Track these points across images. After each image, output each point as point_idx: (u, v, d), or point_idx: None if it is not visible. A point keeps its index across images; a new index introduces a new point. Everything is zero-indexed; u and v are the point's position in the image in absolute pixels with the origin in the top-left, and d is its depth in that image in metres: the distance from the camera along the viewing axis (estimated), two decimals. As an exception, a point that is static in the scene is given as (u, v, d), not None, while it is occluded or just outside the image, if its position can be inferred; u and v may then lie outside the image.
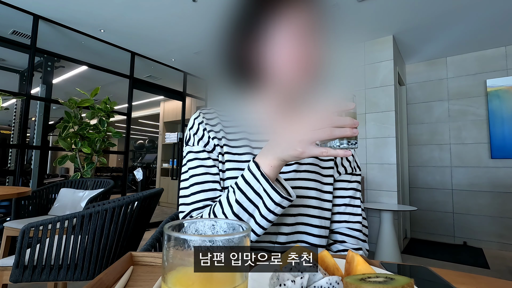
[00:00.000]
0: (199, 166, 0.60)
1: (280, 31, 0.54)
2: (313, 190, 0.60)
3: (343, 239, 0.63)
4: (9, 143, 4.72)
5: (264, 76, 0.57)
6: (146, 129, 9.91)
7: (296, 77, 0.56)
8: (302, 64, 0.56)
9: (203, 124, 0.63)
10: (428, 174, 3.80)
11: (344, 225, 0.64)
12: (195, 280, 0.23)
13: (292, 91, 0.59)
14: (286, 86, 0.57)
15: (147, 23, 3.07)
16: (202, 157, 0.60)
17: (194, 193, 0.58)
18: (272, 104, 0.63)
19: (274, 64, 0.55)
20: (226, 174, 0.59)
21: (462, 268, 2.70)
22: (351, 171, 0.66)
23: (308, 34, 0.55)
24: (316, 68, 0.57)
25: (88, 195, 2.24)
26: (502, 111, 3.37)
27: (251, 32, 0.56)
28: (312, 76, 0.58)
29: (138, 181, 5.37)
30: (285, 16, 0.54)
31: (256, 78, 0.58)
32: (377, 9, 2.70)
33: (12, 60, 4.06)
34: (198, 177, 0.59)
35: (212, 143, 0.61)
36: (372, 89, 3.26)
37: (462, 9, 2.65)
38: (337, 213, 0.64)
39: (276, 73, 0.55)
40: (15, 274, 1.13)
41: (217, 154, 0.61)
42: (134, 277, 0.39)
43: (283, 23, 0.54)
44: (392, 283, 0.25)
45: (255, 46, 0.56)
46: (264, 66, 0.56)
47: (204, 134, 0.62)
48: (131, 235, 1.36)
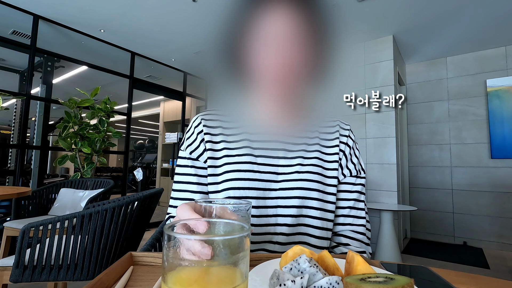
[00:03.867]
0: (183, 174, 0.63)
1: (280, 31, 0.54)
2: (315, 191, 0.59)
3: (347, 241, 0.62)
4: (9, 143, 4.72)
5: (262, 76, 0.56)
6: (146, 129, 9.91)
7: (296, 77, 0.56)
8: (302, 64, 0.55)
9: (200, 126, 0.63)
10: (428, 174, 3.80)
11: (349, 228, 0.63)
12: (195, 280, 0.23)
13: (292, 91, 0.58)
14: (286, 86, 0.57)
15: (147, 23, 3.07)
16: (186, 165, 0.63)
17: (175, 198, 0.62)
18: (272, 106, 0.63)
19: (274, 64, 0.54)
20: (223, 175, 0.59)
21: (462, 268, 2.70)
22: (356, 174, 0.65)
23: (308, 34, 0.55)
24: (316, 68, 0.57)
25: (88, 195, 2.24)
26: (502, 111, 3.37)
27: (247, 31, 0.56)
28: (313, 76, 0.58)
29: (138, 181, 5.37)
30: (285, 15, 0.53)
31: (254, 77, 0.58)
32: (377, 9, 2.70)
33: (12, 60, 4.06)
34: (180, 184, 0.62)
35: (202, 147, 0.62)
36: (372, 89, 3.26)
37: (462, 9, 2.65)
38: (341, 215, 0.64)
39: (276, 73, 0.55)
40: (15, 274, 1.13)
41: (205, 158, 0.61)
42: (134, 277, 0.39)
43: (282, 22, 0.53)
44: (392, 283, 0.25)
45: (254, 46, 0.55)
46: (260, 66, 0.55)
47: (197, 138, 0.62)
48: (131, 235, 1.36)
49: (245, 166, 0.58)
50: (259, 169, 0.59)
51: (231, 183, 0.57)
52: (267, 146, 0.62)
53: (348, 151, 0.65)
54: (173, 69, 4.43)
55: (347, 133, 0.67)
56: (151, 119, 8.22)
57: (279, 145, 0.62)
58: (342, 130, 0.67)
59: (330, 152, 0.64)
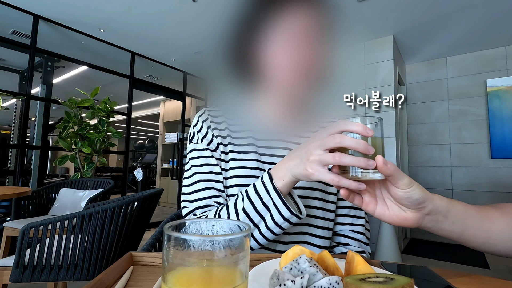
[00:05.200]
0: (203, 164, 0.59)
1: (284, 31, 0.54)
2: (318, 191, 0.60)
3: (346, 241, 0.62)
4: (9, 143, 4.72)
5: (268, 75, 0.56)
6: (146, 129, 9.91)
7: (299, 77, 0.56)
8: (305, 64, 0.55)
9: (208, 121, 0.62)
10: (428, 174, 3.80)
11: (348, 228, 0.63)
12: (195, 280, 0.23)
13: (296, 91, 0.58)
14: (290, 86, 0.56)
15: (147, 23, 3.07)
16: (206, 155, 0.60)
17: (197, 191, 0.57)
18: (277, 105, 0.63)
19: (278, 64, 0.54)
20: (230, 173, 0.59)
21: (462, 268, 2.70)
22: None
23: (311, 35, 0.55)
24: (319, 68, 0.57)
25: (88, 195, 2.24)
26: (502, 111, 3.37)
27: (255, 32, 0.56)
28: (316, 77, 0.58)
29: (138, 181, 5.37)
30: (288, 16, 0.54)
31: (260, 77, 0.58)
32: (377, 9, 2.70)
33: (12, 60, 4.05)
34: (201, 175, 0.58)
35: (215, 142, 0.60)
36: (372, 89, 3.25)
37: (462, 9, 2.65)
38: (341, 215, 0.64)
39: (279, 73, 0.55)
40: (15, 274, 1.13)
41: (220, 153, 0.60)
42: (134, 277, 0.39)
43: (286, 23, 0.54)
44: (392, 283, 0.25)
45: (259, 46, 0.56)
46: (267, 66, 0.56)
47: (208, 132, 0.61)
48: (131, 235, 1.36)
49: (251, 164, 0.58)
50: (263, 167, 0.59)
51: (238, 180, 0.57)
52: (271, 145, 0.62)
53: None
54: (173, 69, 4.43)
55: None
56: (151, 119, 8.22)
57: (282, 144, 0.62)
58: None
59: None
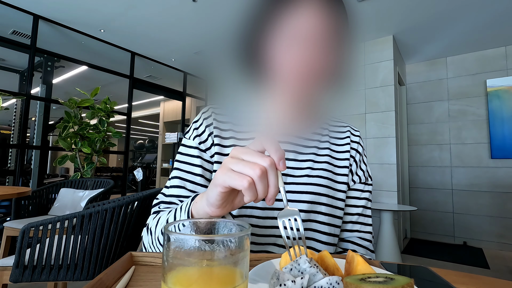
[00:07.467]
0: (185, 162, 0.58)
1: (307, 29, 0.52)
2: (324, 197, 0.58)
3: (353, 248, 0.61)
4: (9, 143, 4.72)
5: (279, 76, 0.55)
6: (146, 129, 9.92)
7: (317, 77, 0.54)
8: (325, 64, 0.54)
9: (209, 119, 0.60)
10: (428, 174, 3.80)
11: (356, 235, 0.63)
12: (195, 280, 0.23)
13: (311, 92, 0.56)
14: (307, 86, 0.54)
15: (147, 23, 3.07)
16: (191, 154, 0.59)
17: (172, 187, 0.57)
18: (288, 105, 0.60)
19: (290, 65, 0.53)
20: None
21: (462, 268, 2.70)
22: (364, 181, 0.64)
23: (334, 34, 0.54)
24: (336, 69, 0.57)
25: (88, 195, 2.24)
26: (502, 111, 3.37)
27: (274, 29, 0.54)
28: (332, 78, 0.57)
29: (138, 181, 5.37)
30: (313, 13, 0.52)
31: (270, 78, 0.56)
32: (377, 9, 2.70)
33: (12, 60, 4.06)
34: (179, 172, 0.58)
35: (210, 141, 0.59)
36: (372, 89, 3.26)
37: (462, 9, 2.65)
38: (349, 222, 0.63)
39: (291, 74, 0.53)
40: (15, 274, 1.13)
41: (212, 153, 0.58)
42: (134, 277, 0.39)
43: (310, 20, 0.52)
44: (392, 283, 0.25)
45: (271, 45, 0.54)
46: (279, 66, 0.54)
47: (205, 130, 0.59)
48: (131, 235, 1.36)
49: None
50: None
51: None
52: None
53: (358, 157, 0.65)
54: (173, 69, 4.43)
55: (357, 139, 0.67)
56: (151, 119, 8.23)
57: (289, 147, 0.60)
58: (353, 136, 0.66)
59: (340, 157, 0.63)
